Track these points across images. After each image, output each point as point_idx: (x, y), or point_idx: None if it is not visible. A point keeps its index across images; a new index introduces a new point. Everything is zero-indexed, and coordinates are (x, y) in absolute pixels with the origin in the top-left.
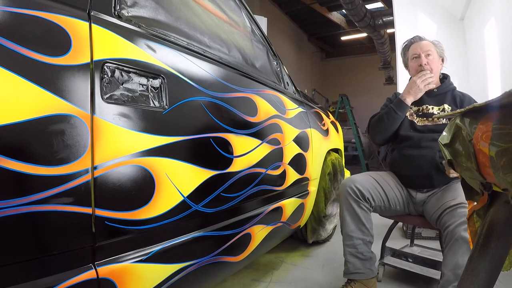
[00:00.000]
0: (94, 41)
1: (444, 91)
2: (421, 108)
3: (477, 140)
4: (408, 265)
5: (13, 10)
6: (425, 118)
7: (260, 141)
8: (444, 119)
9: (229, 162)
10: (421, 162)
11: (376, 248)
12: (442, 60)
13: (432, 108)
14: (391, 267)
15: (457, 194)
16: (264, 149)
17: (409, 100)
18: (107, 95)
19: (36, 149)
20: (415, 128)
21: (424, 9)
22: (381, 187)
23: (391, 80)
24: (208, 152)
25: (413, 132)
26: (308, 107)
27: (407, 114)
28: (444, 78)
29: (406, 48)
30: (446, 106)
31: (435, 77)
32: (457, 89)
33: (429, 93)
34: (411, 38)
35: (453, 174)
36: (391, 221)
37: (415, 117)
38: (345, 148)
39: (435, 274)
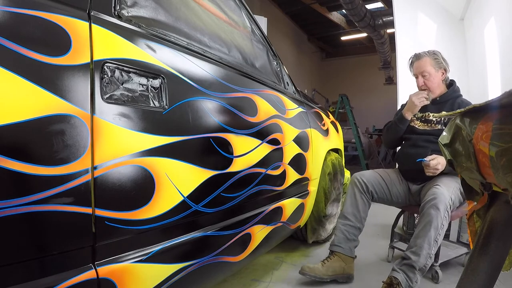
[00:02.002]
0: (94, 41)
1: (446, 99)
2: (424, 115)
3: (477, 140)
4: None
5: (13, 10)
6: (425, 124)
7: (260, 141)
8: (440, 125)
9: (229, 162)
10: (416, 159)
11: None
12: (445, 69)
13: (433, 116)
14: (399, 250)
15: (440, 181)
16: (264, 149)
17: (408, 116)
18: (107, 95)
19: (36, 149)
20: (415, 132)
21: (424, 9)
22: (385, 183)
23: (391, 80)
24: (208, 152)
25: (413, 134)
26: (308, 107)
27: (415, 124)
28: (450, 85)
29: (411, 65)
30: (444, 113)
31: (436, 91)
32: (463, 96)
33: (433, 101)
34: (412, 56)
35: (428, 173)
36: (391, 222)
37: (418, 122)
38: (345, 148)
39: (444, 256)
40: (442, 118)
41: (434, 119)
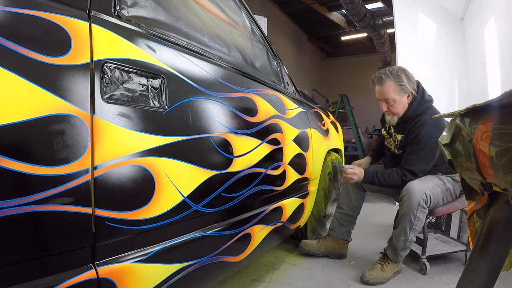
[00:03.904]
0: (94, 41)
1: (406, 120)
2: (393, 135)
3: (477, 140)
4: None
5: (13, 10)
6: (394, 143)
7: (260, 141)
8: (398, 150)
9: (229, 162)
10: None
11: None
12: (411, 92)
13: (396, 136)
14: None
15: (420, 178)
16: (264, 149)
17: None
18: (107, 95)
19: (36, 149)
20: (388, 150)
21: (424, 9)
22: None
23: None
24: (208, 152)
25: (388, 152)
26: (308, 107)
27: (388, 143)
28: (412, 104)
29: (373, 85)
30: (399, 135)
31: (401, 113)
32: (431, 107)
33: (397, 122)
34: (374, 77)
35: (344, 179)
36: (391, 222)
37: (391, 141)
38: (345, 148)
39: (439, 250)
40: (398, 142)
41: (398, 139)
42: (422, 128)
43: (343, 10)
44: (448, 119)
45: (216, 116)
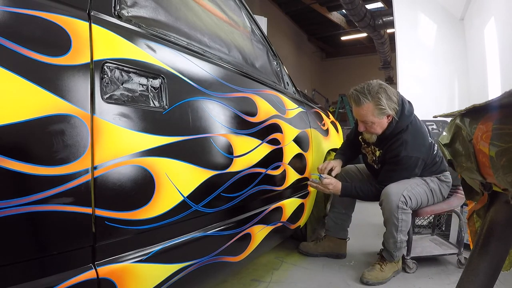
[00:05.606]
0: (94, 41)
1: (384, 136)
2: (372, 147)
3: (477, 140)
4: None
5: (13, 10)
6: (372, 155)
7: (260, 141)
8: (376, 165)
9: (229, 162)
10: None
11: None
12: (390, 114)
13: (375, 149)
14: None
15: (399, 181)
16: (264, 149)
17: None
18: (107, 95)
19: (36, 149)
20: (367, 161)
21: (424, 9)
22: (361, 174)
23: (391, 80)
24: (208, 152)
25: (366, 161)
26: (308, 107)
27: (366, 152)
28: (391, 123)
29: (349, 100)
30: (378, 151)
31: (380, 132)
32: (411, 122)
33: (377, 139)
34: (351, 94)
35: (317, 188)
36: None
37: (371, 155)
38: None
39: (428, 252)
40: (376, 157)
41: (377, 154)
42: (402, 148)
43: (343, 10)
44: (434, 124)
45: (216, 116)
